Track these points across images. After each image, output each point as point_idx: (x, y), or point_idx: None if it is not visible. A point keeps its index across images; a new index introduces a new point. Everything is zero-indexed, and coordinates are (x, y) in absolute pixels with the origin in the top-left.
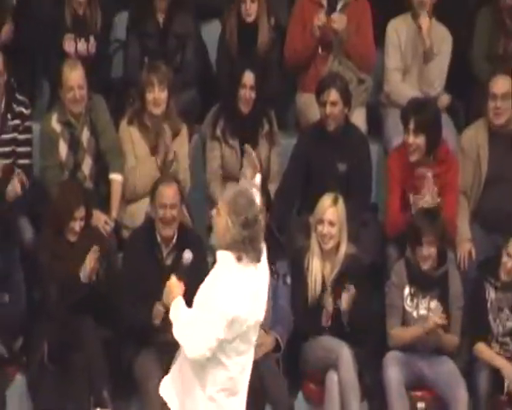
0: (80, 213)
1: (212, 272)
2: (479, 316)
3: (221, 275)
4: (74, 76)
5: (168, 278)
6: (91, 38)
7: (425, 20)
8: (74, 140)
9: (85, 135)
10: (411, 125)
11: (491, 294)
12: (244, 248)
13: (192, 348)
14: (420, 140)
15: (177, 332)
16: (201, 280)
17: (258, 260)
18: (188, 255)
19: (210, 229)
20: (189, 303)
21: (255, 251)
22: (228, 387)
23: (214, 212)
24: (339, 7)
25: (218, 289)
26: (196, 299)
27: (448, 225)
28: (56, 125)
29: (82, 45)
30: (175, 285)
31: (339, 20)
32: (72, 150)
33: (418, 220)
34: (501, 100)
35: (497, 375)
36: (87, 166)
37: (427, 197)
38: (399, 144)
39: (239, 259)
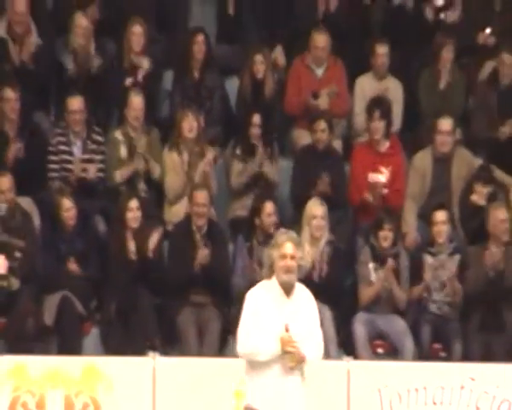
0: (134, 203)
1: (308, 301)
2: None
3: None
4: (137, 101)
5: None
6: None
7: None
8: (132, 145)
9: (141, 145)
10: (376, 114)
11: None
12: None
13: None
14: (381, 125)
15: (315, 358)
16: (220, 256)
17: None
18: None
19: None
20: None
21: None
22: None
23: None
24: (322, 70)
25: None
26: (309, 324)
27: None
28: (119, 135)
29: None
30: (288, 339)
31: (322, 104)
32: (130, 152)
33: (381, 214)
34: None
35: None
36: (141, 165)
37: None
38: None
39: None
